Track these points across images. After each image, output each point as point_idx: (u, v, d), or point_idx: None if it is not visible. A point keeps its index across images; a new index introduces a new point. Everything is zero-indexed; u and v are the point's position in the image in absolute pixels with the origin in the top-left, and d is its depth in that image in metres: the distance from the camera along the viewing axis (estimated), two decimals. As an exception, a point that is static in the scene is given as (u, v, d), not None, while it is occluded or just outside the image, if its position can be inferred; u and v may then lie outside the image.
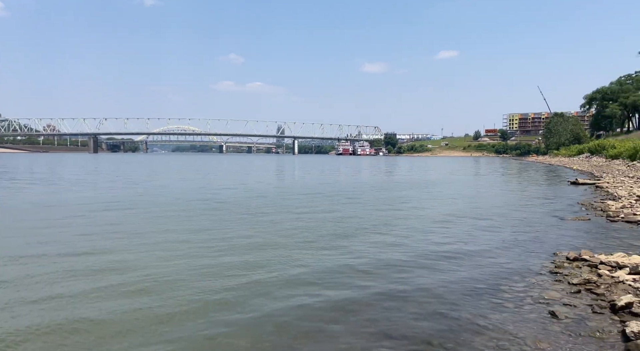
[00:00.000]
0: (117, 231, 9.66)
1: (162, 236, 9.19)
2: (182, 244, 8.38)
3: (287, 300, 5.41)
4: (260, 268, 6.71)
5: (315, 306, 5.23)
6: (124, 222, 11.04)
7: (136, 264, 6.83)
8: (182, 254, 7.54)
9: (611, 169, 33.10)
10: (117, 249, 7.87)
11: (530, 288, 5.83)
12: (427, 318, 4.87)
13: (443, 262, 7.27)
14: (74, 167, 47.57)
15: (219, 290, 5.71)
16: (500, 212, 13.68)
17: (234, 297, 5.45)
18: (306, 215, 12.52)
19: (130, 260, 7.12)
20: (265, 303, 5.29)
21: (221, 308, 5.09)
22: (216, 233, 9.41)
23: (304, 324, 4.70)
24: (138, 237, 8.93)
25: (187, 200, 15.93)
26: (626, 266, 6.26)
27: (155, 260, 7.12)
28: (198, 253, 7.65)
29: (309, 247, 8.27)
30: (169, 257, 7.32)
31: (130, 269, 6.54)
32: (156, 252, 7.73)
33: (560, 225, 10.92)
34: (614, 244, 8.41)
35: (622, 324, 4.44)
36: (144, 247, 8.07)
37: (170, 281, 6.01)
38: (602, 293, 5.43)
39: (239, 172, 40.89)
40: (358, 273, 6.58)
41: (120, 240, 8.70)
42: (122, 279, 6.06)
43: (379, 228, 10.41)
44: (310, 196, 17.97)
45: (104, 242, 8.48)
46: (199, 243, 8.48)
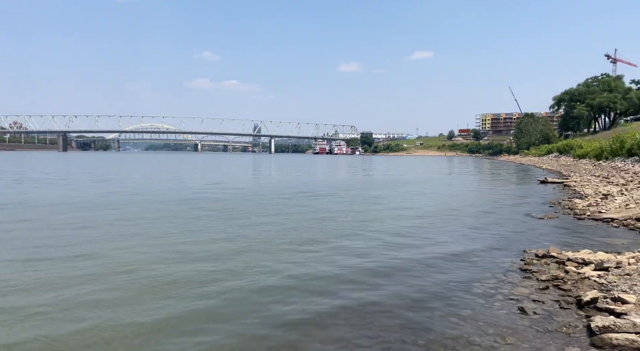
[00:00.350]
0: (83, 234, 9.39)
1: (129, 240, 8.97)
2: (148, 249, 8.17)
3: (261, 307, 5.35)
4: (235, 274, 6.56)
5: (289, 310, 5.20)
6: (88, 224, 10.74)
7: (100, 272, 6.40)
8: (148, 260, 7.36)
9: (578, 168, 34.20)
10: (82, 254, 7.63)
11: (501, 285, 5.96)
12: (399, 316, 4.91)
13: (416, 260, 7.35)
14: (40, 166, 46.06)
15: (191, 298, 5.57)
16: (472, 210, 13.94)
17: (206, 306, 5.26)
18: (282, 216, 12.45)
19: (90, 267, 6.82)
20: (241, 311, 5.20)
21: (194, 319, 4.98)
22: (189, 237, 9.07)
23: (278, 333, 4.67)
24: (103, 242, 8.65)
25: (158, 202, 15.61)
26: (592, 263, 6.48)
27: (123, 266, 6.93)
28: (169, 257, 7.46)
29: (284, 251, 8.18)
30: (136, 263, 7.14)
31: (94, 277, 6.28)
32: (124, 256, 7.54)
33: (530, 223, 11.21)
34: (580, 241, 8.68)
35: (588, 319, 4.58)
36: (110, 252, 7.84)
37: (139, 290, 5.87)
38: (569, 289, 5.59)
39: (215, 172, 40.40)
40: (332, 275, 6.56)
41: (85, 244, 8.43)
42: (89, 288, 5.87)
43: (353, 229, 10.44)
44: (287, 196, 17.90)
45: (66, 247, 8.21)
46: (170, 246, 8.26)
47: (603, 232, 9.78)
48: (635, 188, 15.86)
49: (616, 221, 10.71)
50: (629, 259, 6.49)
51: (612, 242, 8.59)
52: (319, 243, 8.60)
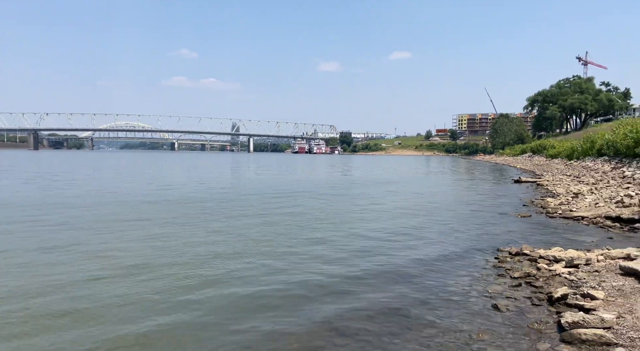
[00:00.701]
0: (53, 238, 9.15)
1: (103, 243, 8.79)
2: (121, 253, 8.04)
3: (234, 301, 5.32)
4: (215, 278, 6.55)
5: (269, 302, 5.19)
6: (56, 226, 10.47)
7: (70, 279, 6.33)
8: (123, 264, 7.24)
9: (551, 168, 35.10)
10: (50, 260, 7.44)
11: (476, 282, 6.07)
12: (377, 313, 4.96)
13: (394, 258, 7.43)
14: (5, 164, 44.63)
15: (169, 303, 5.52)
16: (448, 209, 14.16)
17: (188, 311, 5.28)
18: (261, 217, 12.40)
19: (58, 273, 6.71)
20: (220, 311, 5.18)
21: (172, 323, 4.92)
22: (166, 239, 9.02)
23: (257, 319, 4.65)
24: (71, 246, 8.46)
25: (133, 202, 15.33)
26: (562, 260, 6.66)
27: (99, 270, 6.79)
28: (145, 260, 7.36)
29: (263, 251, 8.18)
30: (112, 267, 7.01)
31: (63, 285, 6.18)
32: (99, 260, 7.38)
33: (504, 222, 11.45)
34: (552, 239, 8.92)
35: (558, 315, 4.71)
36: (82, 256, 7.67)
37: (113, 293, 5.76)
38: (541, 286, 5.74)
39: (192, 171, 39.87)
40: (307, 271, 6.59)
41: (54, 249, 8.23)
42: (59, 297, 5.73)
43: (331, 230, 10.48)
44: (266, 196, 17.82)
45: (35, 250, 7.99)
46: (147, 249, 8.15)
47: (574, 229, 10.06)
48: (604, 187, 16.39)
49: (586, 219, 11.05)
50: (598, 256, 6.70)
51: (582, 239, 8.85)
52: (296, 245, 8.60)
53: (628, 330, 4.08)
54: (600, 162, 26.41)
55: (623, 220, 10.36)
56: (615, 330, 4.11)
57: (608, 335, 4.00)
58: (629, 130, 23.98)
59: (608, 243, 8.26)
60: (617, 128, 28.36)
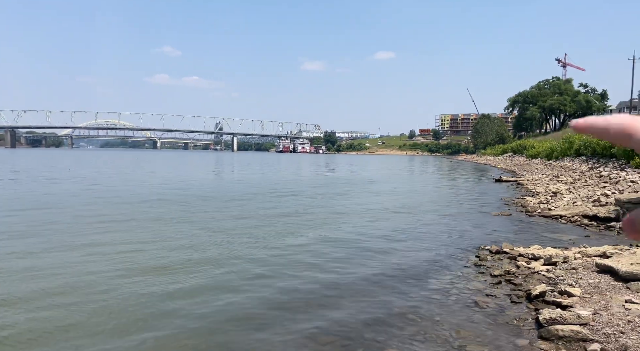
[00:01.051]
0: (34, 234, 8.96)
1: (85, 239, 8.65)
2: (92, 261, 7.92)
3: (214, 301, 5.29)
4: (199, 271, 6.52)
5: (253, 303, 5.17)
6: (37, 225, 10.25)
7: (53, 273, 6.33)
8: (104, 261, 7.13)
9: (531, 168, 35.73)
10: (35, 253, 7.29)
11: (456, 280, 6.15)
12: (359, 311, 4.98)
13: (376, 256, 7.48)
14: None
15: (148, 296, 5.46)
16: (431, 207, 14.30)
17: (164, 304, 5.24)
18: (241, 219, 12.34)
19: (41, 267, 6.60)
20: (204, 303, 5.14)
21: (151, 316, 4.87)
22: (146, 243, 8.95)
23: (232, 327, 4.63)
24: (51, 244, 8.32)
25: (113, 202, 15.11)
26: (541, 258, 6.79)
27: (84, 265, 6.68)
28: (129, 259, 7.27)
29: (240, 255, 8.15)
30: (91, 262, 6.90)
31: (47, 277, 6.08)
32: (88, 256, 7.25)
33: (484, 220, 11.62)
34: (531, 237, 9.08)
35: (536, 312, 4.80)
36: (61, 256, 7.53)
37: (92, 288, 5.66)
38: (520, 284, 5.84)
39: (175, 171, 39.44)
40: (291, 269, 6.59)
41: (36, 245, 8.07)
42: (42, 286, 5.62)
43: (314, 225, 10.51)
44: (249, 196, 17.73)
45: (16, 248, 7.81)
46: (130, 249, 8.06)
47: (552, 228, 10.27)
48: (582, 186, 16.75)
49: (564, 218, 11.28)
50: (575, 254, 6.85)
51: (560, 237, 9.04)
52: (277, 243, 8.59)
53: (603, 326, 4.18)
54: (578, 161, 26.96)
55: (599, 218, 10.61)
56: (591, 326, 4.21)
57: (584, 331, 4.09)
58: (606, 130, 24.51)
59: (585, 241, 8.46)
60: (595, 129, 28.92)
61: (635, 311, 4.42)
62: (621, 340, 3.88)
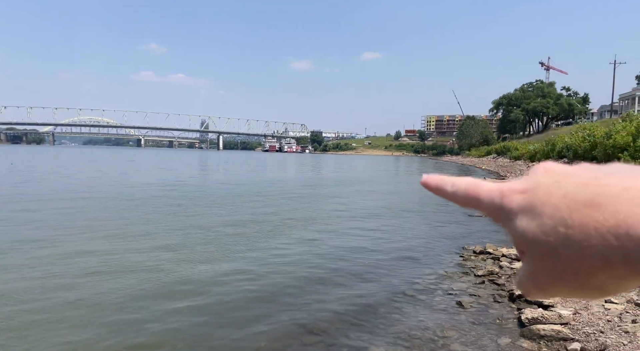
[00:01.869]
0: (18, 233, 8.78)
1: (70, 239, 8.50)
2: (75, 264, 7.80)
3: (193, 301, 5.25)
4: (184, 270, 6.47)
5: (237, 302, 5.14)
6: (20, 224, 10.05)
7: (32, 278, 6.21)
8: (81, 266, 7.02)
9: (514, 169, 36.26)
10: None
11: (441, 280, 6.20)
12: (345, 312, 4.99)
13: (360, 257, 7.50)
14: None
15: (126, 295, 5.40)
16: (415, 208, 14.41)
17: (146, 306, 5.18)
18: (230, 217, 12.27)
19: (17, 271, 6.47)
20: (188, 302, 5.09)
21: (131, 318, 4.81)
22: (132, 243, 8.87)
23: (215, 325, 4.60)
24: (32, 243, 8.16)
25: (98, 202, 14.89)
26: (523, 258, 6.89)
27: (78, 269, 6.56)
28: (108, 265, 7.18)
29: (232, 247, 8.11)
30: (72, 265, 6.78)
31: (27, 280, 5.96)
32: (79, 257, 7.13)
33: (468, 221, 11.74)
34: (514, 238, 9.20)
35: (519, 311, 4.87)
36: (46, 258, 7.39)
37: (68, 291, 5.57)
38: (503, 284, 5.92)
39: (159, 170, 39.03)
40: (275, 268, 6.57)
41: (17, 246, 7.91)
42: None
43: (298, 226, 10.51)
44: (237, 196, 17.64)
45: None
46: (110, 254, 7.95)
47: (534, 229, 10.41)
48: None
49: (546, 219, 11.47)
50: (557, 254, 6.97)
51: (542, 238, 9.17)
52: (261, 244, 8.56)
53: (584, 326, 4.26)
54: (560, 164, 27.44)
55: (580, 219, 10.81)
56: (571, 326, 4.29)
57: (565, 331, 4.16)
58: (587, 134, 25.06)
59: (566, 242, 8.60)
60: (576, 132, 29.57)
61: (614, 311, 4.51)
62: (601, 339, 3.96)
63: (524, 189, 0.33)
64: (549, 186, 0.31)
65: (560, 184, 0.30)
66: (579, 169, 0.32)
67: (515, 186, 0.34)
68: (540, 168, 0.34)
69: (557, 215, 0.29)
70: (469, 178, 0.37)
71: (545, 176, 0.32)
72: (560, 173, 0.32)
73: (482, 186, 0.36)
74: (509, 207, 0.33)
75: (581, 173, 0.31)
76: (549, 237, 0.29)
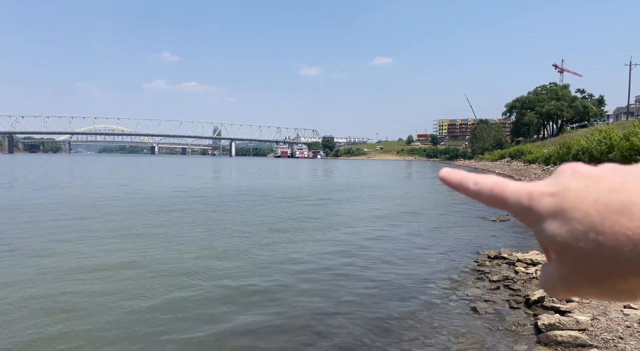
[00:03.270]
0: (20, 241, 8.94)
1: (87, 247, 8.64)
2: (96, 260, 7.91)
3: (217, 308, 5.28)
4: (205, 277, 6.52)
5: (249, 309, 5.16)
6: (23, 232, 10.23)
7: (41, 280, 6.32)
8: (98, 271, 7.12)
9: (529, 173, 35.81)
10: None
11: (455, 285, 6.14)
12: (360, 316, 4.97)
13: (375, 262, 7.47)
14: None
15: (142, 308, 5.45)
16: (428, 213, 14.32)
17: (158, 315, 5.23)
18: (247, 224, 12.33)
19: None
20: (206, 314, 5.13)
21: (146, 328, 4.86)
22: (158, 244, 8.99)
23: (233, 331, 4.62)
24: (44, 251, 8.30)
25: (118, 207, 15.09)
26: (540, 263, 6.80)
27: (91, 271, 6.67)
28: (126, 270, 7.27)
29: (250, 254, 8.15)
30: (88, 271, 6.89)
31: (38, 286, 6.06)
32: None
33: (482, 226, 11.63)
34: (529, 243, 9.09)
35: (535, 317, 4.80)
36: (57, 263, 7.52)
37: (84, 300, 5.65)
38: (518, 289, 5.84)
39: (176, 177, 39.40)
40: (291, 275, 6.58)
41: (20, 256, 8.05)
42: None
43: (313, 232, 10.51)
44: (252, 202, 17.72)
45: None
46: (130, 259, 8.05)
47: (550, 233, 10.26)
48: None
49: (562, 223, 11.29)
50: (573, 259, 6.85)
51: (558, 243, 9.03)
52: (281, 246, 8.58)
53: (602, 332, 4.18)
54: (575, 167, 27.00)
55: (597, 223, 10.62)
56: (589, 332, 4.21)
57: (583, 337, 4.09)
58: (603, 136, 24.65)
59: (583, 246, 8.45)
60: (592, 134, 29.12)
61: (633, 316, 4.42)
62: (620, 345, 3.89)
63: (553, 192, 0.32)
64: (579, 190, 0.30)
65: (591, 189, 0.30)
66: (605, 171, 0.31)
67: (544, 188, 0.33)
68: (567, 170, 0.33)
69: (587, 221, 0.29)
70: (494, 177, 0.36)
71: (573, 179, 0.32)
72: (589, 177, 0.31)
73: (508, 186, 0.35)
74: (538, 209, 0.32)
75: (609, 176, 0.30)
76: (580, 242, 0.29)
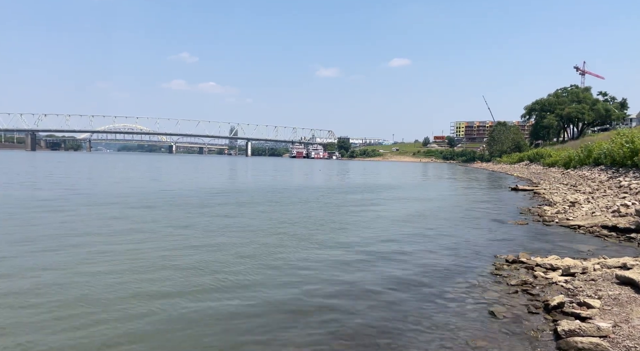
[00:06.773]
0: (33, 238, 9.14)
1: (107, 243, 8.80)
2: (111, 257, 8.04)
3: (228, 303, 5.33)
4: (219, 276, 6.59)
5: (267, 308, 5.19)
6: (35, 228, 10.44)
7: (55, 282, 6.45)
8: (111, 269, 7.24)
9: (548, 176, 35.21)
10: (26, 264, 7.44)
11: (472, 289, 6.08)
12: (374, 318, 4.96)
13: (392, 264, 7.44)
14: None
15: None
16: (446, 216, 14.18)
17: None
18: (267, 222, 12.40)
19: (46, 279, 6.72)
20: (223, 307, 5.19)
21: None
22: (166, 242, 9.11)
23: (252, 329, 4.65)
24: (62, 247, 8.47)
25: (133, 203, 15.33)
26: (559, 268, 6.68)
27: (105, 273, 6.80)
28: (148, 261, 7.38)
29: (265, 253, 8.20)
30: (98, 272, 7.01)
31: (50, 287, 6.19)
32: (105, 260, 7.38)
33: (501, 229, 11.47)
34: (548, 247, 8.94)
35: (555, 323, 4.72)
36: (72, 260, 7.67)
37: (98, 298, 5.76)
38: (537, 294, 5.76)
39: (195, 175, 39.83)
40: (306, 275, 6.60)
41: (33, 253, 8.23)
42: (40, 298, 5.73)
43: (330, 232, 10.51)
44: (269, 201, 17.82)
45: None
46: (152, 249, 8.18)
47: (570, 238, 10.09)
48: (600, 196, 16.44)
49: (583, 228, 11.08)
50: (594, 265, 6.73)
51: (579, 248, 8.88)
52: (296, 249, 8.61)
53: (624, 339, 4.09)
54: (597, 171, 26.47)
55: (619, 229, 10.40)
56: (611, 339, 4.13)
57: (604, 344, 4.01)
58: (626, 140, 24.09)
59: (604, 252, 8.29)
60: (614, 138, 28.48)
61: (657, 324, 4.32)
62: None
63: None
64: None
65: None
66: None
67: None
68: None
69: None
70: None
71: None
72: None
73: None
74: None
75: None
76: None
